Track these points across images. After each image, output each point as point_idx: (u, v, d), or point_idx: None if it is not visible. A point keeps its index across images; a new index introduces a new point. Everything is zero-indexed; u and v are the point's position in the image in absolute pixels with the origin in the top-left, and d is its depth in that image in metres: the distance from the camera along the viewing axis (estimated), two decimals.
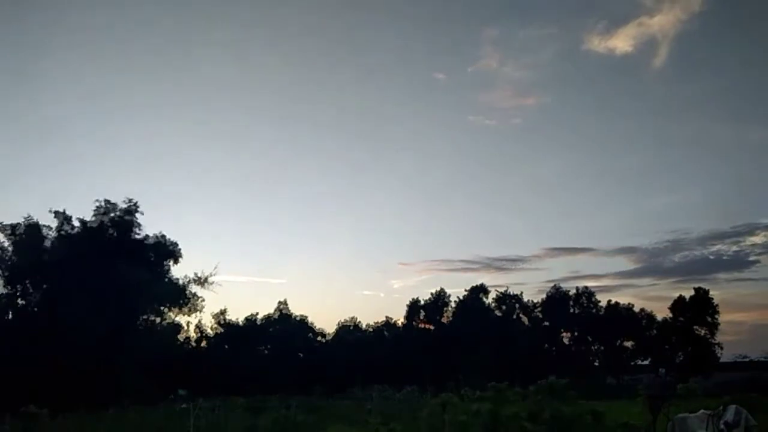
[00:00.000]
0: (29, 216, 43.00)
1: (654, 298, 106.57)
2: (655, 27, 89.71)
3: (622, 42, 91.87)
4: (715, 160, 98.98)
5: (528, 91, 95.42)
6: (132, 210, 44.85)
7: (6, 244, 42.35)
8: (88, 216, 44.35)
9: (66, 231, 43.68)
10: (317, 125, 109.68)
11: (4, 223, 42.47)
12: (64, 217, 43.66)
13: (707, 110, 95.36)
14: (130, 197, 45.01)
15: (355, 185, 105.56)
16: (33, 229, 42.68)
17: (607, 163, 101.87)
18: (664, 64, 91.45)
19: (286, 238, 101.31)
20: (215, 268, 48.57)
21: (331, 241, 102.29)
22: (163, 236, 46.41)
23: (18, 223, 42.60)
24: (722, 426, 13.40)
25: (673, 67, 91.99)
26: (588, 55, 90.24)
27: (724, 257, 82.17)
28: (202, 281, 47.59)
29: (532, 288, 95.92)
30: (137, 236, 45.31)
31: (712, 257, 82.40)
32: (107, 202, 44.56)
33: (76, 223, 43.92)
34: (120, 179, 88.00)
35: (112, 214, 44.52)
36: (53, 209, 43.67)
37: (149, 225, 47.05)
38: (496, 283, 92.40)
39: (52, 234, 43.59)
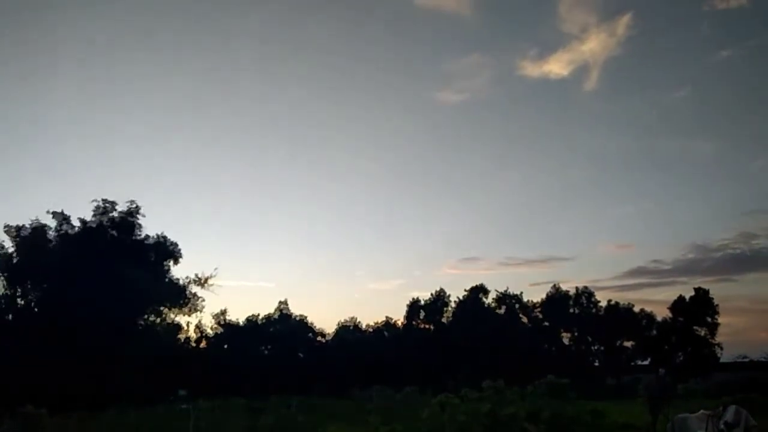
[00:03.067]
0: (36, 219, 43.27)
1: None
2: (586, 53, 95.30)
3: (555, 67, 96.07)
4: None
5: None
6: (133, 211, 45.08)
7: (8, 245, 42.50)
8: (89, 217, 44.57)
9: (66, 231, 43.74)
10: (317, 128, 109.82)
11: (10, 225, 42.62)
12: (62, 218, 43.73)
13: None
14: (132, 199, 45.30)
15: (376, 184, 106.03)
16: (38, 231, 42.84)
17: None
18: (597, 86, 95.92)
19: (286, 239, 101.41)
20: (215, 269, 48.66)
21: (339, 242, 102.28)
22: (164, 236, 46.47)
23: (23, 225, 42.82)
24: (722, 426, 13.39)
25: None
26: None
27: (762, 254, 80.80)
28: (202, 282, 47.69)
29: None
30: (138, 237, 45.42)
31: (749, 254, 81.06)
32: (105, 201, 44.62)
33: (76, 223, 44.03)
34: (121, 181, 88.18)
35: (112, 214, 44.61)
36: (51, 210, 43.70)
37: (150, 225, 47.13)
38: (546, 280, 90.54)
39: (53, 234, 43.68)
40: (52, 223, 43.66)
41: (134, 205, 45.01)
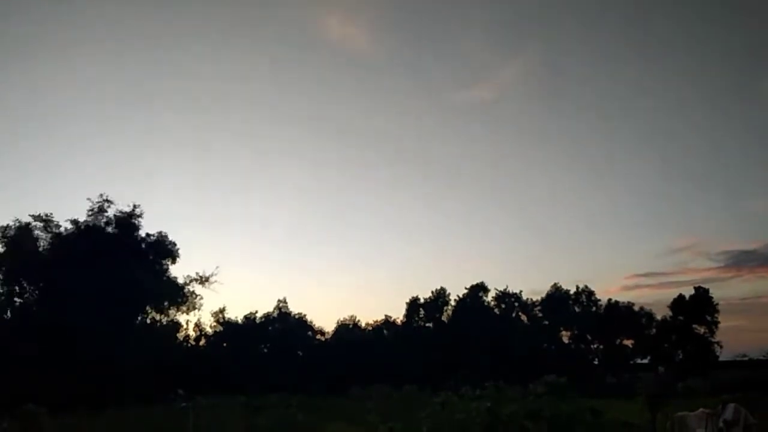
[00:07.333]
0: (17, 219, 42.88)
1: None
2: (505, 80, 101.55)
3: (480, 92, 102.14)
4: None
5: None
6: (135, 214, 45.41)
7: None
8: (84, 214, 44.52)
9: (59, 231, 43.61)
10: (317, 126, 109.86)
11: None
12: (45, 221, 43.23)
13: None
14: (134, 202, 45.69)
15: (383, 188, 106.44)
16: (24, 231, 42.50)
17: None
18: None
19: (285, 237, 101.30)
20: (216, 267, 48.64)
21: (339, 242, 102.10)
22: (162, 235, 46.51)
23: (8, 225, 42.58)
24: (721, 424, 13.42)
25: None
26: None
27: None
28: (203, 280, 47.80)
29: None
30: (137, 235, 45.53)
31: None
32: (101, 196, 44.70)
33: (69, 225, 43.90)
34: (119, 179, 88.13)
35: (110, 213, 44.74)
36: (35, 213, 43.05)
37: (148, 224, 47.10)
38: None
39: (43, 234, 43.50)
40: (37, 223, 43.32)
41: (138, 209, 45.49)
